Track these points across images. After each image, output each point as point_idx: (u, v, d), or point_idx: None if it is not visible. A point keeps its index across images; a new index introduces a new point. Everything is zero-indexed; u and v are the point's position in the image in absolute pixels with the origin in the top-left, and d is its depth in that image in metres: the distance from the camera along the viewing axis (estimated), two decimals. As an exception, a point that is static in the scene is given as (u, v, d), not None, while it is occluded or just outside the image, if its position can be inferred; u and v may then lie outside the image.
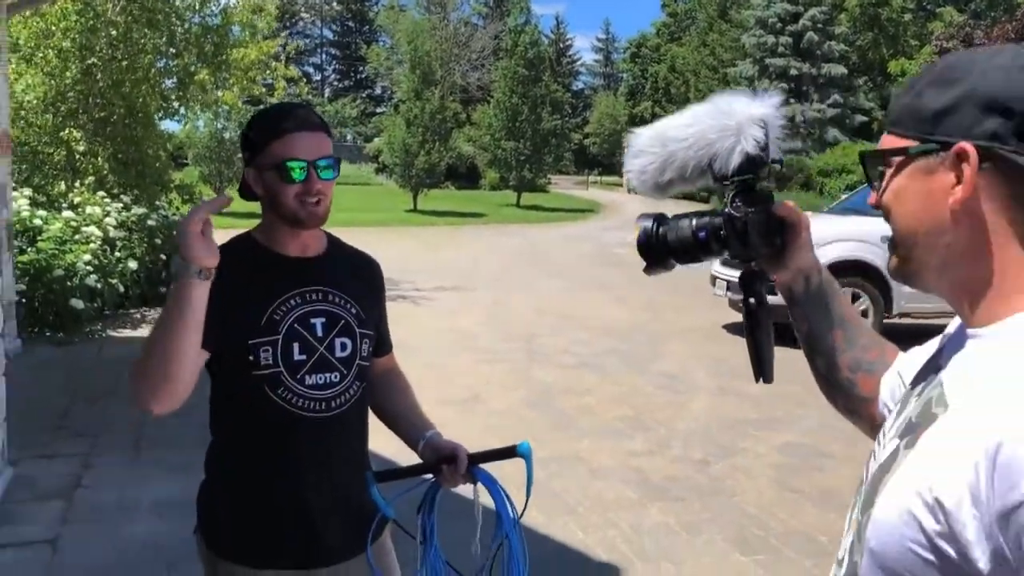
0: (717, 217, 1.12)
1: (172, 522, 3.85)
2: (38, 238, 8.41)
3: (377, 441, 1.92)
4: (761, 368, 1.17)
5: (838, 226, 8.41)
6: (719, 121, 1.08)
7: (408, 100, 32.02)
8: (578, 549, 3.87)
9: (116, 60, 10.82)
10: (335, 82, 68.37)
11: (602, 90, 69.40)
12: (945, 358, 0.89)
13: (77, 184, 10.36)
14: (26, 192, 9.23)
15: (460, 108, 48.54)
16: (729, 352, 7.92)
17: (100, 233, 9.16)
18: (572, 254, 17.60)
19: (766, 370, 1.17)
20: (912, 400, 0.91)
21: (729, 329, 9.26)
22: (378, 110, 59.57)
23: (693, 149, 1.09)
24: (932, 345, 1.03)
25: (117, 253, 9.39)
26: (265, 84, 14.18)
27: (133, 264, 9.39)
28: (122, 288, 9.16)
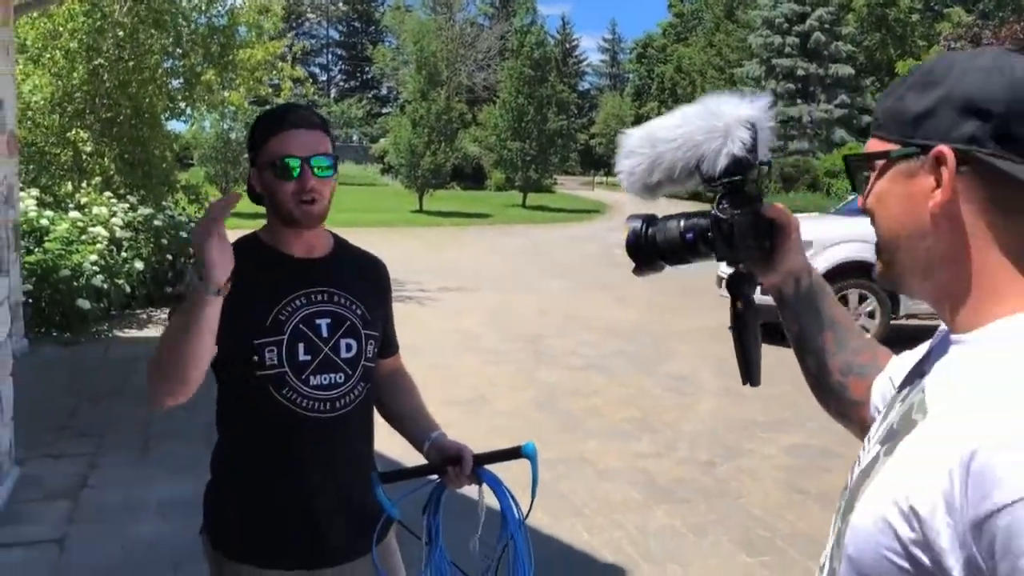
0: (704, 218, 1.11)
1: (178, 522, 3.86)
2: (45, 238, 8.43)
3: (383, 441, 1.92)
4: (748, 371, 1.16)
5: (845, 227, 8.38)
6: (707, 122, 1.07)
7: (414, 100, 32.00)
8: (584, 550, 3.86)
9: (123, 61, 10.85)
10: (341, 82, 68.49)
11: (608, 90, 69.29)
12: (930, 364, 0.88)
13: (84, 184, 10.39)
14: (33, 192, 9.26)
15: (466, 108, 48.53)
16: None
17: (106, 233, 9.19)
18: (577, 255, 17.58)
19: (753, 373, 1.16)
20: (896, 405, 0.90)
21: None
22: (384, 110, 59.59)
23: (681, 150, 1.08)
24: (921, 350, 1.02)
25: (123, 253, 9.41)
26: (271, 85, 14.22)
27: (139, 264, 9.41)
28: (128, 288, 9.18)
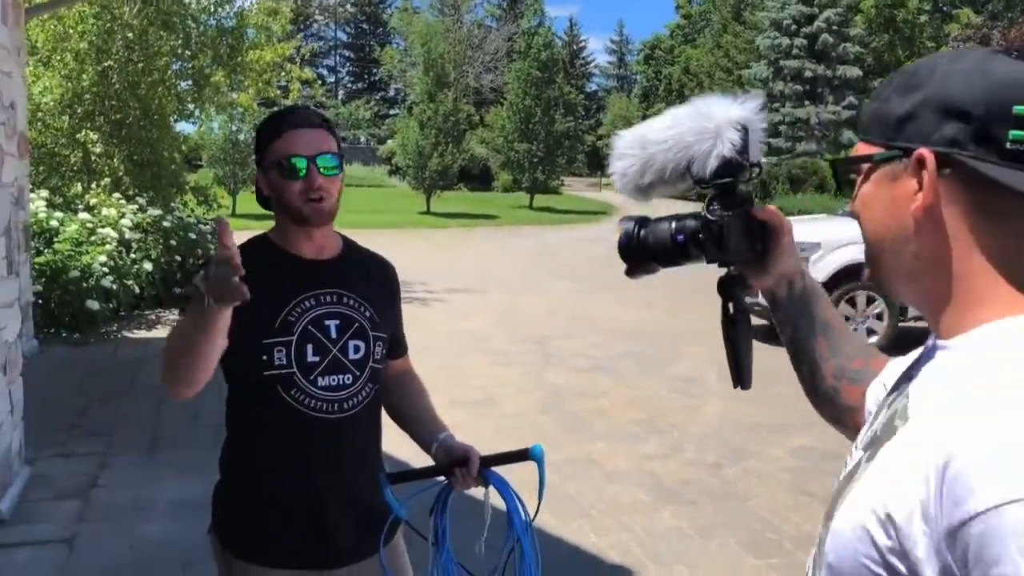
0: (695, 220, 1.11)
1: (187, 522, 3.87)
2: (54, 239, 8.47)
3: (392, 442, 1.93)
4: (739, 374, 1.15)
5: (853, 229, 8.23)
6: (698, 123, 1.06)
7: (421, 102, 32.06)
8: (591, 552, 3.86)
9: (132, 62, 10.91)
10: (349, 84, 68.50)
11: (616, 92, 69.24)
12: (917, 369, 0.87)
13: (93, 186, 10.45)
14: (43, 194, 9.30)
15: (473, 110, 48.54)
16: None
17: (116, 235, 9.22)
18: (585, 256, 17.56)
19: (744, 376, 1.15)
20: (883, 411, 0.89)
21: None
22: (391, 112, 59.58)
23: (672, 152, 1.07)
24: (914, 354, 1.01)
25: (132, 255, 9.45)
26: (280, 86, 14.27)
27: (148, 265, 9.45)
28: (137, 289, 9.22)
